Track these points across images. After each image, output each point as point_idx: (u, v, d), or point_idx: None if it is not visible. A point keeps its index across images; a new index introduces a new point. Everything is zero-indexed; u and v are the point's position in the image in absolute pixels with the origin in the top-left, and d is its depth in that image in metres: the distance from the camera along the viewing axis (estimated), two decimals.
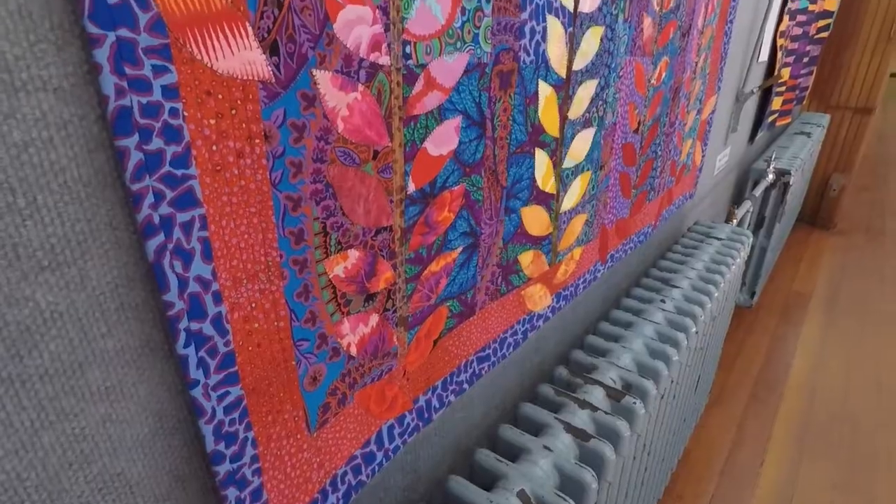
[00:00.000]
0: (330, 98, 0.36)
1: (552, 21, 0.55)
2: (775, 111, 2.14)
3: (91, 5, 0.23)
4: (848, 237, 3.10)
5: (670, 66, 0.90)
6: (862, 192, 3.91)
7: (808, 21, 2.14)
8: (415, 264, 0.48)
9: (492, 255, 0.59)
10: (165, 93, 0.27)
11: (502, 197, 0.57)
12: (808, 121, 2.65)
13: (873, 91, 2.87)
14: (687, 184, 1.24)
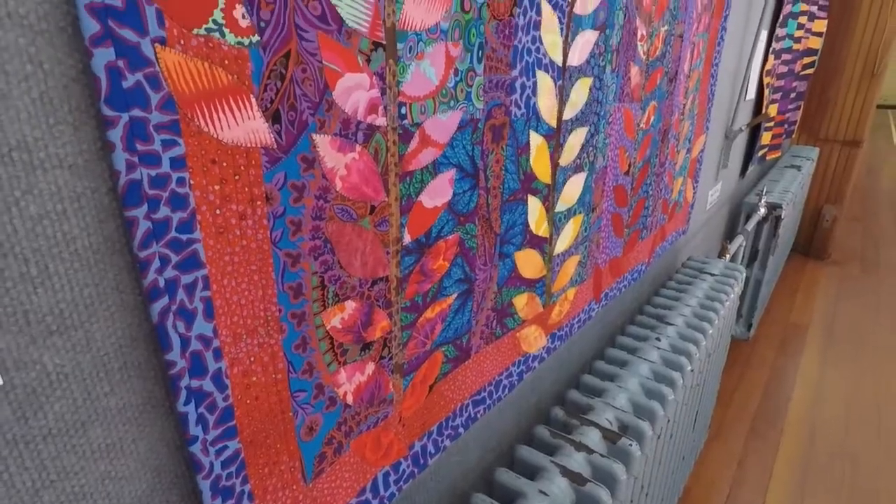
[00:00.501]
0: (329, 159, 0.37)
1: (542, 76, 0.58)
2: (765, 146, 2.18)
3: (107, 89, 0.25)
4: (843, 267, 3.12)
5: (658, 109, 0.93)
6: (854, 223, 3.95)
7: (793, 59, 2.21)
8: (410, 312, 0.49)
9: (486, 299, 0.60)
10: (173, 164, 0.29)
11: (496, 243, 0.59)
12: (797, 154, 2.71)
13: (860, 125, 2.94)
14: (679, 220, 1.26)
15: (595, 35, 0.66)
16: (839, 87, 2.92)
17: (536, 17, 0.54)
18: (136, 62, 0.26)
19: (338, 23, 0.35)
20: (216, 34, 0.29)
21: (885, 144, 7.18)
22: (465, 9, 0.45)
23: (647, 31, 0.80)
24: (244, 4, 0.30)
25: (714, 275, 1.24)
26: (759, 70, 1.78)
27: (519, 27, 0.52)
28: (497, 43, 0.50)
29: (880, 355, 2.18)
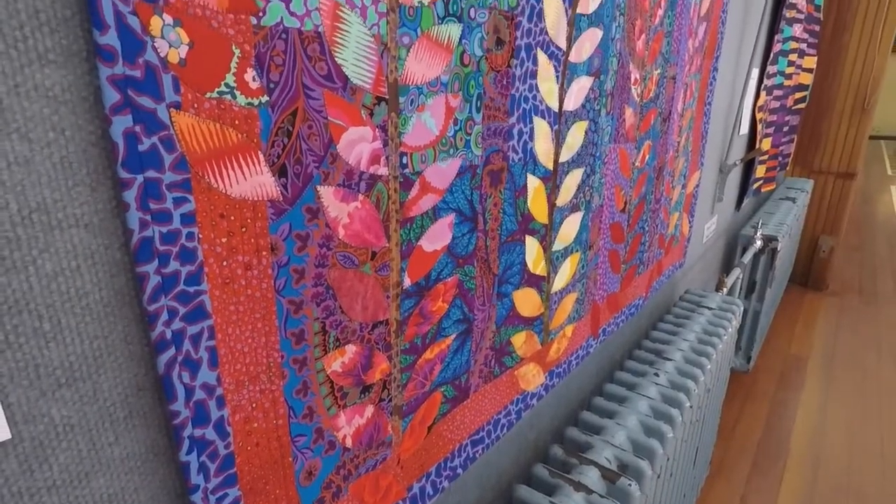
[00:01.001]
0: (332, 209, 0.39)
1: (538, 122, 0.60)
2: (760, 178, 2.22)
3: (124, 154, 0.26)
4: (841, 298, 3.12)
5: (653, 148, 0.95)
6: (852, 253, 3.97)
7: (784, 95, 2.26)
8: (410, 354, 0.50)
9: (485, 338, 0.61)
10: (183, 220, 0.30)
11: (494, 283, 0.60)
12: (792, 186, 2.74)
13: (853, 157, 2.99)
14: (676, 254, 1.27)
15: (590, 81, 0.68)
16: (831, 120, 2.98)
17: (533, 66, 0.56)
18: (152, 127, 0.27)
19: (343, 80, 0.37)
20: (228, 96, 0.31)
21: (879, 174, 7.26)
22: (465, 62, 0.47)
23: (640, 75, 0.83)
24: (255, 67, 0.32)
25: (711, 308, 1.25)
26: (751, 106, 1.82)
27: (516, 77, 0.54)
28: (495, 92, 0.52)
29: (882, 388, 2.17)
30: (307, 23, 0.34)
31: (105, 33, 0.25)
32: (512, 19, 0.51)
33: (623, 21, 0.72)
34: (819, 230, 3.17)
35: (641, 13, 0.78)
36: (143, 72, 0.26)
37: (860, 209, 5.24)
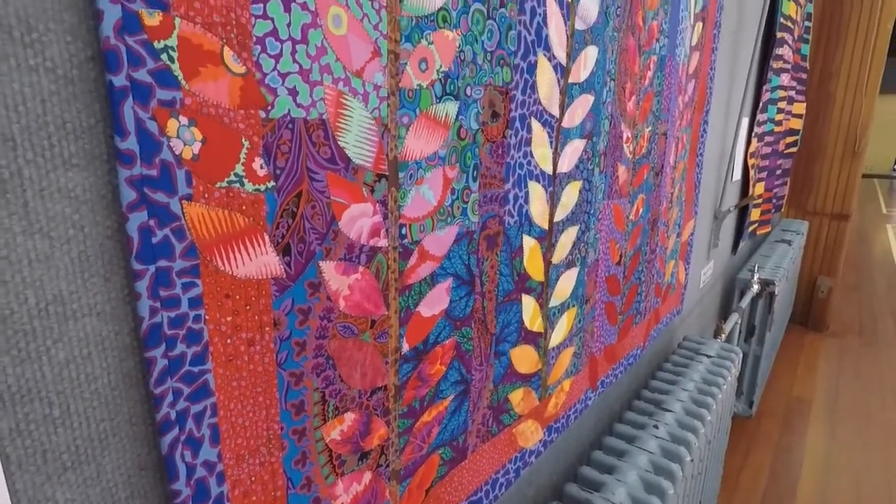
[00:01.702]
0: (333, 282, 0.40)
1: (533, 185, 0.62)
2: (755, 221, 2.25)
3: (138, 247, 0.28)
4: (842, 339, 3.11)
5: (647, 201, 0.98)
6: (851, 292, 3.98)
7: (775, 140, 2.32)
8: (408, 417, 0.50)
9: (482, 398, 0.61)
10: (191, 303, 0.31)
11: (492, 343, 0.60)
12: (787, 228, 2.77)
13: (846, 200, 3.03)
14: (673, 301, 1.28)
15: (583, 143, 0.71)
16: (823, 163, 3.04)
17: (527, 134, 0.59)
18: (164, 219, 0.29)
19: (345, 162, 0.39)
20: (237, 185, 0.32)
21: (874, 213, 7.34)
22: (462, 136, 0.49)
23: (632, 134, 0.86)
24: (262, 156, 0.34)
25: (710, 356, 1.25)
26: (743, 153, 1.86)
27: (511, 146, 0.56)
28: (491, 162, 0.54)
29: (887, 432, 2.14)
30: (312, 112, 0.36)
31: (125, 139, 0.27)
32: (506, 93, 0.54)
33: (613, 85, 0.76)
34: (817, 271, 3.19)
35: (631, 76, 0.81)
36: (159, 170, 0.28)
37: (857, 248, 5.27)
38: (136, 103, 0.27)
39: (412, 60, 0.43)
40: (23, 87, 0.24)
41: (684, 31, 1.00)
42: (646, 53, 0.85)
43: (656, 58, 0.90)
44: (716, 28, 1.20)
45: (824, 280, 3.17)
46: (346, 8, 0.37)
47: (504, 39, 0.52)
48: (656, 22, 0.87)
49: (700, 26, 1.09)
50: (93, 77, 0.26)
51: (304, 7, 0.34)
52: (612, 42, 0.73)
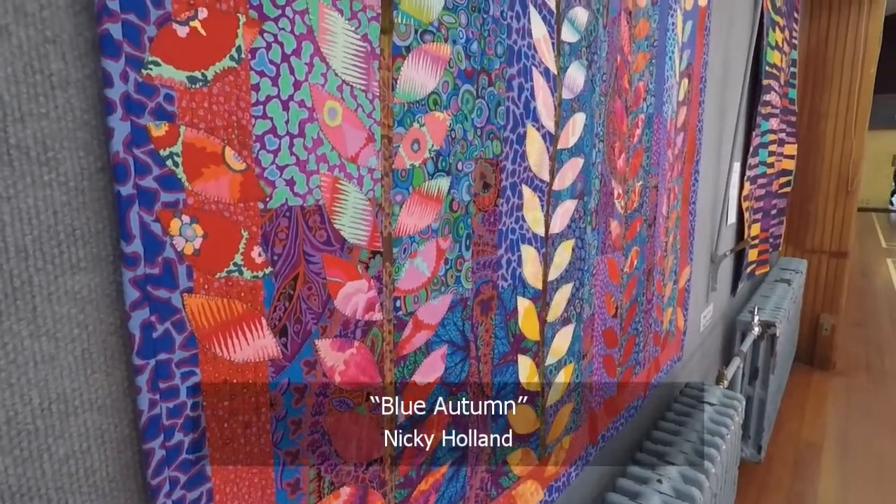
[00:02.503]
0: (329, 359, 0.41)
1: (526, 249, 0.63)
2: (753, 262, 2.26)
3: (140, 343, 0.29)
4: (849, 377, 3.07)
5: (641, 253, 0.99)
6: (855, 329, 3.94)
7: (769, 182, 2.35)
8: (404, 487, 0.50)
9: (480, 462, 0.61)
10: (189, 391, 0.32)
11: None
12: (786, 266, 2.78)
13: (843, 237, 3.05)
14: (673, 348, 1.28)
15: (574, 203, 0.73)
16: (818, 202, 3.07)
17: (518, 200, 0.61)
18: (165, 314, 0.30)
19: (340, 242, 0.41)
20: (235, 274, 0.34)
21: (874, 247, 7.36)
22: (454, 209, 0.51)
23: (623, 189, 0.88)
24: (260, 244, 0.35)
25: (713, 404, 1.24)
26: (736, 197, 1.89)
27: (503, 213, 0.58)
28: (483, 230, 0.56)
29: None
30: (309, 199, 0.38)
31: (131, 243, 0.28)
32: (497, 165, 0.56)
33: (602, 146, 0.79)
34: (819, 309, 3.17)
35: (620, 136, 0.84)
36: (162, 268, 0.30)
37: (858, 283, 5.26)
38: (141, 208, 0.29)
39: (405, 142, 0.45)
40: (37, 202, 0.26)
41: (671, 89, 1.04)
42: (633, 113, 0.88)
43: (644, 116, 0.93)
44: (702, 83, 1.24)
45: (827, 318, 3.15)
46: (340, 101, 0.39)
47: (493, 115, 0.54)
48: (642, 83, 0.91)
49: (686, 82, 1.14)
50: (101, 186, 0.28)
51: (301, 104, 0.36)
52: (600, 106, 0.76)
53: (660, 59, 0.97)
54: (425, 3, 0.45)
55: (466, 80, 0.50)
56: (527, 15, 0.57)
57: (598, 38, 0.73)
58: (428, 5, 0.45)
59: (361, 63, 0.40)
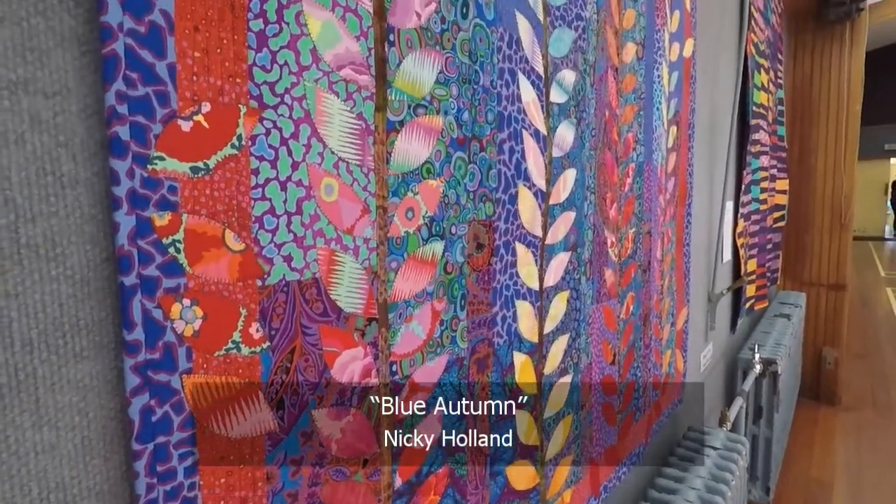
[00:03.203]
0: (326, 428, 0.41)
1: (521, 304, 0.64)
2: (751, 297, 2.26)
3: (139, 428, 0.30)
4: (857, 413, 3.02)
5: (637, 298, 1.00)
6: (859, 361, 3.91)
7: (762, 217, 2.38)
8: None
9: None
10: (186, 472, 0.32)
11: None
12: (785, 300, 2.78)
13: (840, 270, 3.06)
14: (673, 391, 1.27)
15: (567, 255, 0.74)
16: (812, 235, 3.10)
17: (512, 257, 0.62)
18: (165, 397, 0.31)
19: (337, 312, 0.42)
20: (234, 351, 0.35)
21: (873, 277, 7.36)
22: (448, 270, 0.52)
23: (616, 238, 0.90)
24: (258, 321, 0.36)
25: (717, 448, 1.22)
26: (731, 234, 1.92)
27: (496, 271, 0.59)
28: (478, 289, 0.57)
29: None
30: (306, 273, 0.39)
31: (133, 331, 0.29)
32: (490, 225, 0.58)
33: (594, 198, 0.81)
34: (820, 342, 3.16)
35: (611, 186, 0.86)
36: (162, 353, 0.31)
37: (859, 314, 5.24)
38: (143, 296, 0.30)
39: (399, 211, 0.46)
40: (44, 296, 0.27)
41: (659, 138, 1.07)
42: (623, 163, 0.91)
43: (634, 165, 0.96)
44: (690, 129, 1.28)
45: (829, 351, 3.13)
46: (337, 177, 0.41)
47: (485, 178, 0.56)
48: (631, 133, 0.94)
49: (674, 129, 1.17)
50: (106, 275, 0.29)
51: (298, 184, 0.38)
52: (590, 160, 0.78)
53: (647, 109, 1.00)
54: (418, 80, 0.47)
55: (458, 147, 0.52)
56: (516, 81, 0.60)
57: (586, 96, 0.76)
58: (420, 81, 0.47)
59: (357, 140, 0.42)
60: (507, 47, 0.58)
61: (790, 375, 2.31)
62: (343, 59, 0.41)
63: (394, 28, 0.45)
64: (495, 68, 0.56)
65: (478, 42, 0.54)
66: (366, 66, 0.42)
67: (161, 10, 0.30)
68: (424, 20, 0.47)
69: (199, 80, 0.32)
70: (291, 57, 0.37)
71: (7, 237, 0.25)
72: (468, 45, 0.52)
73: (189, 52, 0.31)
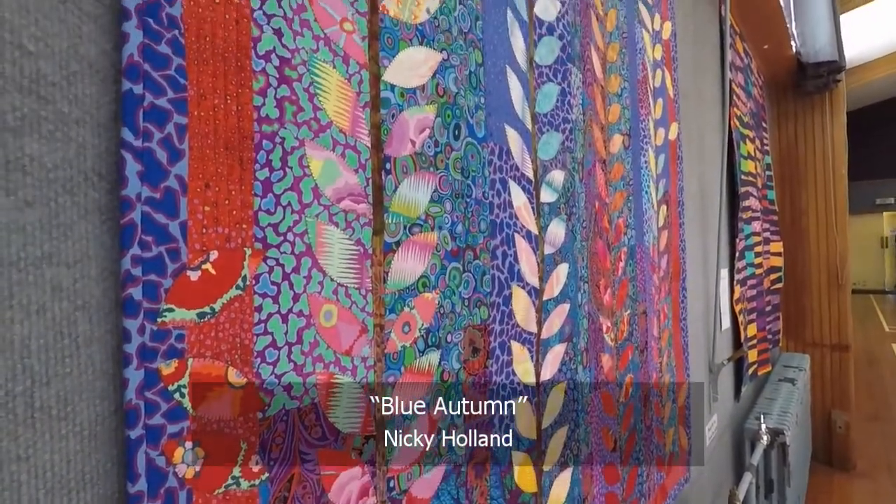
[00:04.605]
0: None
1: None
2: (754, 362, 2.24)
3: None
4: (873, 480, 2.92)
5: (635, 380, 1.00)
6: (871, 424, 3.81)
7: (759, 281, 2.40)
8: None
9: None
10: None
11: None
12: (788, 363, 2.75)
13: (842, 330, 3.05)
14: (679, 470, 1.24)
15: (563, 346, 0.75)
16: (811, 296, 3.11)
17: (508, 357, 0.63)
18: None
19: (335, 434, 0.42)
20: (233, 487, 0.35)
21: (877, 332, 7.30)
22: (444, 379, 0.54)
23: (611, 322, 0.91)
24: (258, 453, 0.37)
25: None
26: (728, 301, 1.93)
27: (493, 372, 0.60)
28: (475, 393, 0.58)
29: None
30: (305, 399, 0.40)
31: (136, 482, 0.30)
32: (485, 329, 0.59)
33: (588, 286, 0.83)
34: (829, 405, 3.09)
35: (604, 273, 0.89)
36: (164, 499, 0.31)
37: (866, 373, 5.16)
38: (148, 446, 0.31)
39: (396, 327, 0.48)
40: (52, 455, 0.28)
41: (650, 219, 1.10)
42: (615, 248, 0.94)
43: (626, 249, 0.98)
44: (680, 206, 1.32)
45: (839, 414, 3.06)
46: (336, 302, 0.43)
47: (479, 284, 0.58)
48: (622, 219, 0.97)
49: (664, 208, 1.21)
50: (113, 427, 0.30)
51: (299, 314, 0.40)
52: (582, 251, 0.81)
53: (636, 194, 1.05)
54: (413, 202, 0.50)
55: (453, 258, 0.55)
56: (507, 189, 0.63)
57: (575, 191, 0.79)
58: (416, 203, 0.50)
59: (355, 264, 0.45)
60: (498, 159, 0.62)
61: (800, 444, 2.25)
62: (342, 192, 0.44)
63: (390, 157, 0.48)
64: (487, 180, 0.60)
65: (469, 159, 0.57)
66: (364, 195, 0.45)
67: (176, 176, 0.33)
68: (419, 146, 0.51)
69: (208, 231, 0.34)
70: (294, 197, 0.40)
71: (22, 402, 0.27)
72: (460, 163, 0.56)
73: (200, 207, 0.34)
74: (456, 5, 0.56)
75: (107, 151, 0.30)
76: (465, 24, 0.57)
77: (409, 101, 0.50)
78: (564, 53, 0.78)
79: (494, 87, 0.62)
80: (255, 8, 0.37)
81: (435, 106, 0.53)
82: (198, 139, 0.34)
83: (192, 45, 0.34)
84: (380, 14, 0.47)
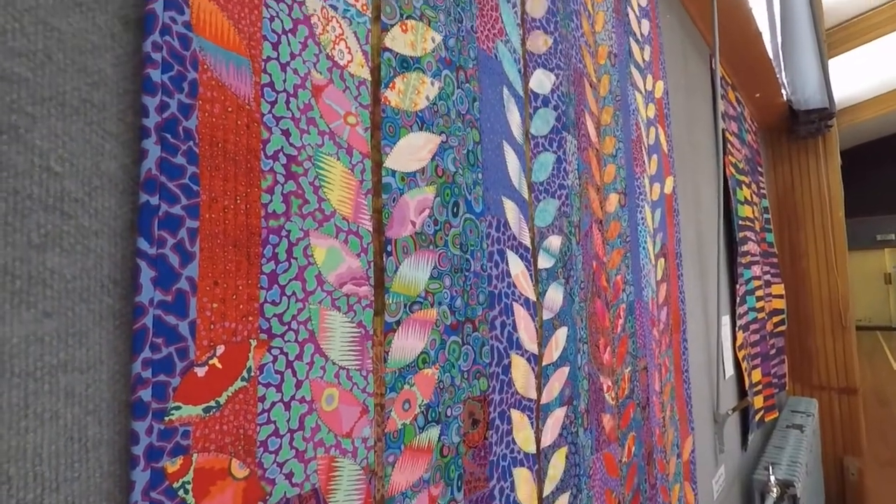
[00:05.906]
0: None
1: (518, 471, 0.65)
2: (760, 409, 2.21)
3: None
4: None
5: (638, 438, 0.99)
6: (886, 469, 3.71)
7: (761, 325, 2.39)
8: None
9: None
10: None
11: None
12: (796, 408, 2.71)
13: (849, 373, 3.01)
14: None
15: (564, 410, 0.75)
16: (815, 338, 3.09)
17: (508, 426, 0.63)
18: None
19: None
20: None
21: (886, 370, 7.18)
22: (444, 454, 0.54)
23: (612, 381, 0.91)
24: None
25: None
26: (731, 348, 1.92)
27: (493, 444, 0.61)
28: (474, 466, 0.58)
29: None
30: (306, 485, 0.41)
31: None
32: (485, 399, 0.60)
33: (587, 347, 0.83)
34: (840, 451, 3.03)
35: (603, 332, 0.89)
36: None
37: (877, 414, 5.05)
38: None
39: (396, 405, 0.49)
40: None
41: (648, 274, 1.12)
42: (614, 306, 0.95)
43: (625, 305, 0.99)
44: (678, 258, 1.34)
45: (851, 461, 2.99)
46: (337, 386, 0.44)
47: (479, 356, 0.59)
48: (620, 276, 0.99)
49: (662, 262, 1.23)
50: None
51: (301, 401, 0.41)
52: (581, 313, 0.82)
53: (634, 250, 1.06)
54: (413, 280, 0.52)
55: (452, 332, 0.56)
56: (505, 259, 0.65)
57: (572, 254, 0.81)
58: (415, 281, 0.52)
59: (357, 346, 0.46)
60: (496, 231, 0.64)
61: (812, 494, 2.19)
62: (345, 277, 0.45)
63: (391, 239, 0.50)
64: (485, 253, 0.62)
65: (468, 234, 0.59)
66: (366, 277, 0.47)
67: (187, 277, 0.34)
68: (419, 226, 0.53)
69: (215, 327, 0.36)
70: (299, 286, 0.41)
71: None
72: (459, 239, 0.58)
73: (208, 305, 0.35)
74: (454, 90, 0.59)
75: (122, 258, 0.32)
76: (463, 107, 0.60)
77: (410, 184, 0.52)
78: (559, 122, 0.81)
79: (491, 163, 0.64)
80: (265, 112, 0.40)
81: (434, 186, 0.55)
82: (208, 241, 0.36)
83: (205, 153, 0.36)
84: (381, 105, 0.50)
